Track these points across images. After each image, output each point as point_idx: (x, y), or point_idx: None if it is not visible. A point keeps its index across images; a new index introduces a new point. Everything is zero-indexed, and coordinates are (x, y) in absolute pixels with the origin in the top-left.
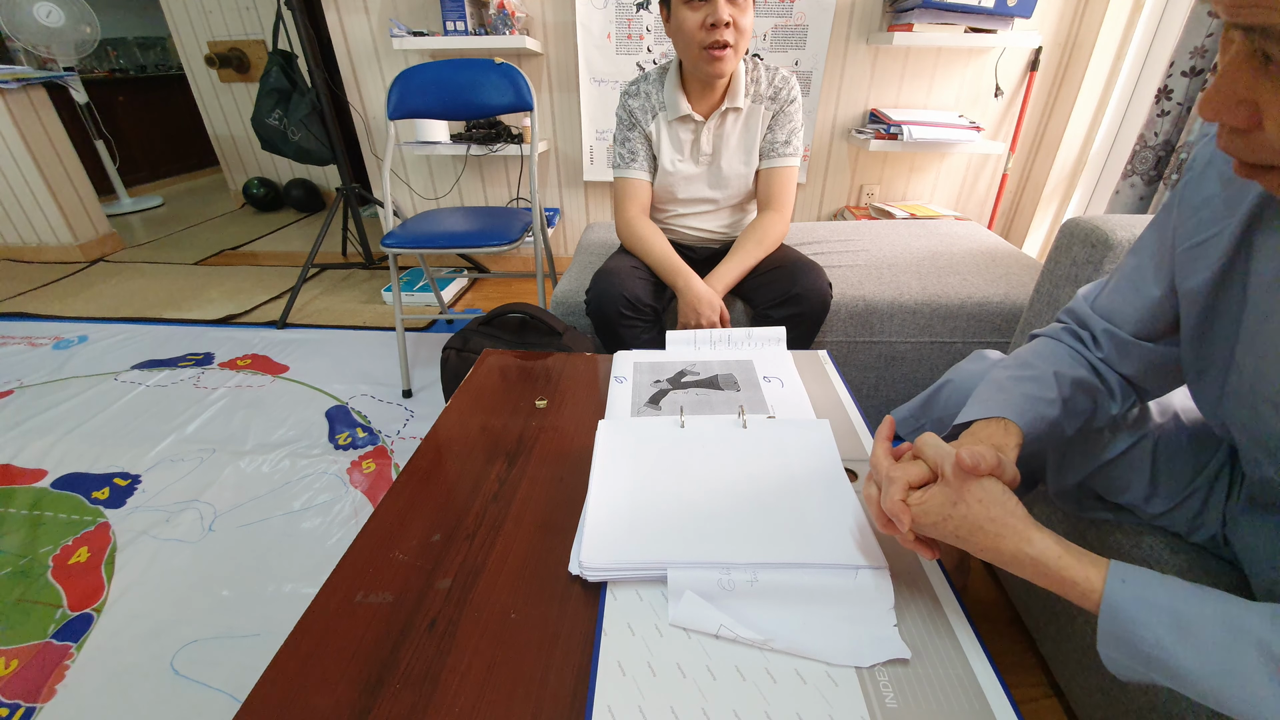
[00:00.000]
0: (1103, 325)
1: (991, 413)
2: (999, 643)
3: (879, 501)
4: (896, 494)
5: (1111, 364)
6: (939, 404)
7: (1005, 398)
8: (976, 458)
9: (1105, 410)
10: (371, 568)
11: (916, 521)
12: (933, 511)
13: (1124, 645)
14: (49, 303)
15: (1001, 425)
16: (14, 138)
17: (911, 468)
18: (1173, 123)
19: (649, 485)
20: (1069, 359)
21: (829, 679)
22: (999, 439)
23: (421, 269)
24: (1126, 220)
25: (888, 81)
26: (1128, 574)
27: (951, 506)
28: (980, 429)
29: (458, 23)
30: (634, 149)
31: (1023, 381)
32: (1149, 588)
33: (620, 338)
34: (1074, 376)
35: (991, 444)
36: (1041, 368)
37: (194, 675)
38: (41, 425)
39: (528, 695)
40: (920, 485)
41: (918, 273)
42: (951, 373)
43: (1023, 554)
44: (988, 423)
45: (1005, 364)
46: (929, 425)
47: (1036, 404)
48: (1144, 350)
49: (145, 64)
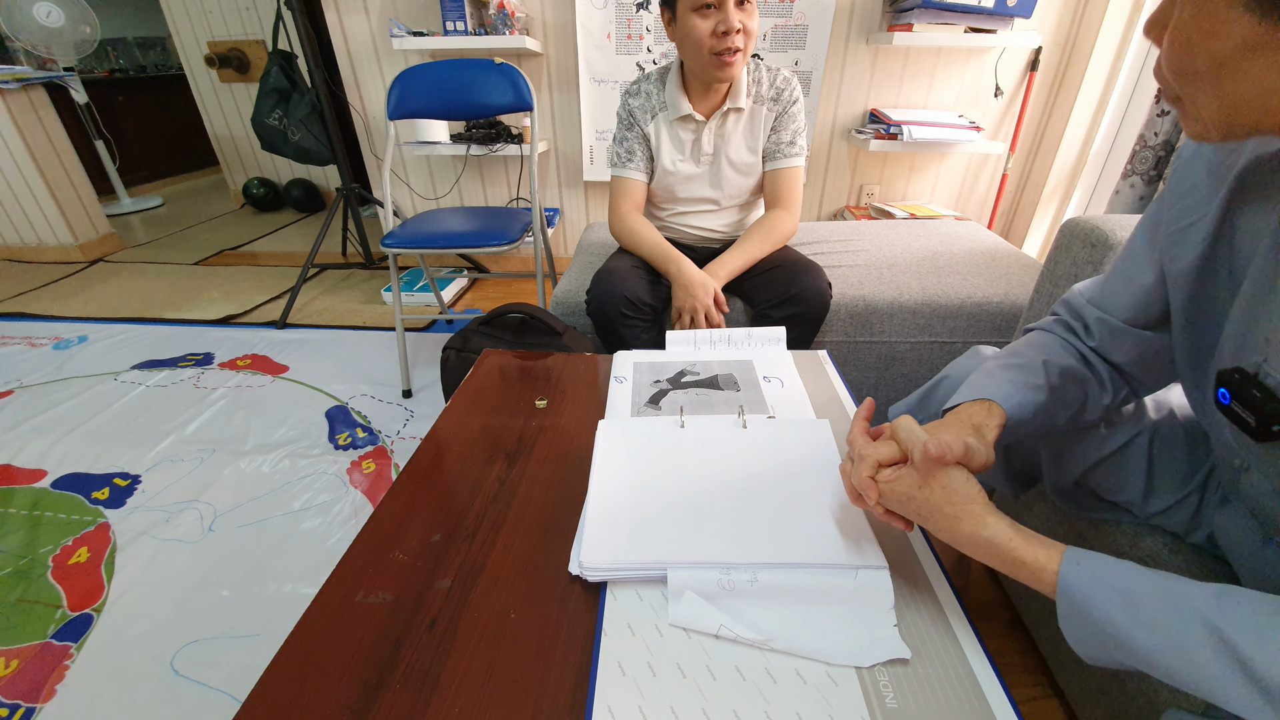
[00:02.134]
0: (1096, 314)
1: (976, 395)
2: (999, 643)
3: (850, 476)
4: (865, 470)
5: (1104, 352)
6: (936, 399)
7: (991, 382)
8: (942, 448)
9: (1096, 401)
10: (371, 568)
11: (884, 497)
12: (899, 491)
13: (1081, 625)
14: (49, 303)
15: (984, 406)
16: (14, 138)
17: (883, 447)
18: (1173, 123)
19: (649, 485)
20: (1059, 348)
21: (829, 679)
22: (980, 419)
23: (421, 269)
24: (1126, 220)
25: (888, 81)
26: (1082, 558)
27: (916, 489)
28: (964, 409)
29: (458, 23)
30: (631, 149)
31: (1010, 369)
32: (1101, 570)
33: (621, 337)
34: (1063, 365)
35: (972, 423)
36: (1030, 356)
37: (194, 675)
38: (41, 425)
39: (528, 695)
40: (891, 464)
41: (918, 273)
42: (949, 369)
43: (978, 535)
44: (972, 404)
45: (996, 354)
46: (923, 421)
47: (1022, 389)
48: (1136, 337)
49: (145, 64)
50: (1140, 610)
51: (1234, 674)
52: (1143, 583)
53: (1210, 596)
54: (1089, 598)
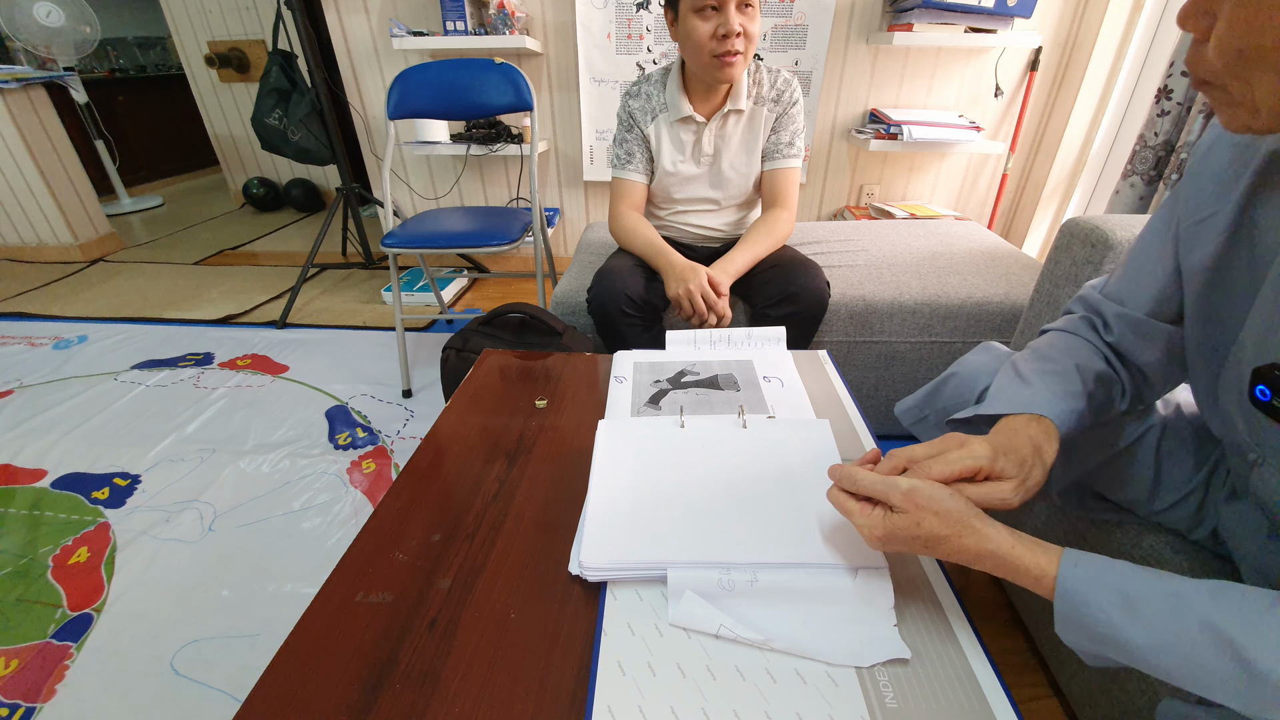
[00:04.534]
0: (1115, 309)
1: (1024, 408)
2: (999, 643)
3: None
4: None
5: (1126, 351)
6: (944, 396)
7: (1033, 393)
8: None
9: (1117, 406)
10: (371, 568)
11: (887, 545)
12: (900, 539)
13: (1078, 626)
14: (49, 303)
15: (1041, 425)
16: (14, 138)
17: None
18: (1173, 123)
19: (649, 485)
20: (1088, 352)
21: (829, 679)
22: (1040, 440)
23: (421, 269)
24: (1126, 220)
25: (888, 81)
26: (1079, 559)
27: (916, 528)
28: (1018, 425)
29: (458, 23)
30: (631, 150)
31: (1047, 375)
32: (1099, 571)
33: (621, 336)
34: (1096, 370)
35: (1033, 445)
36: (1063, 361)
37: (194, 675)
38: (41, 425)
39: (528, 695)
40: None
41: (918, 273)
42: (958, 365)
43: (982, 550)
44: (1027, 420)
45: (1022, 357)
46: (933, 417)
47: (1065, 398)
48: (1161, 331)
49: (145, 64)
50: (1137, 609)
51: (1231, 668)
52: (1140, 582)
53: (1206, 593)
54: (1086, 599)
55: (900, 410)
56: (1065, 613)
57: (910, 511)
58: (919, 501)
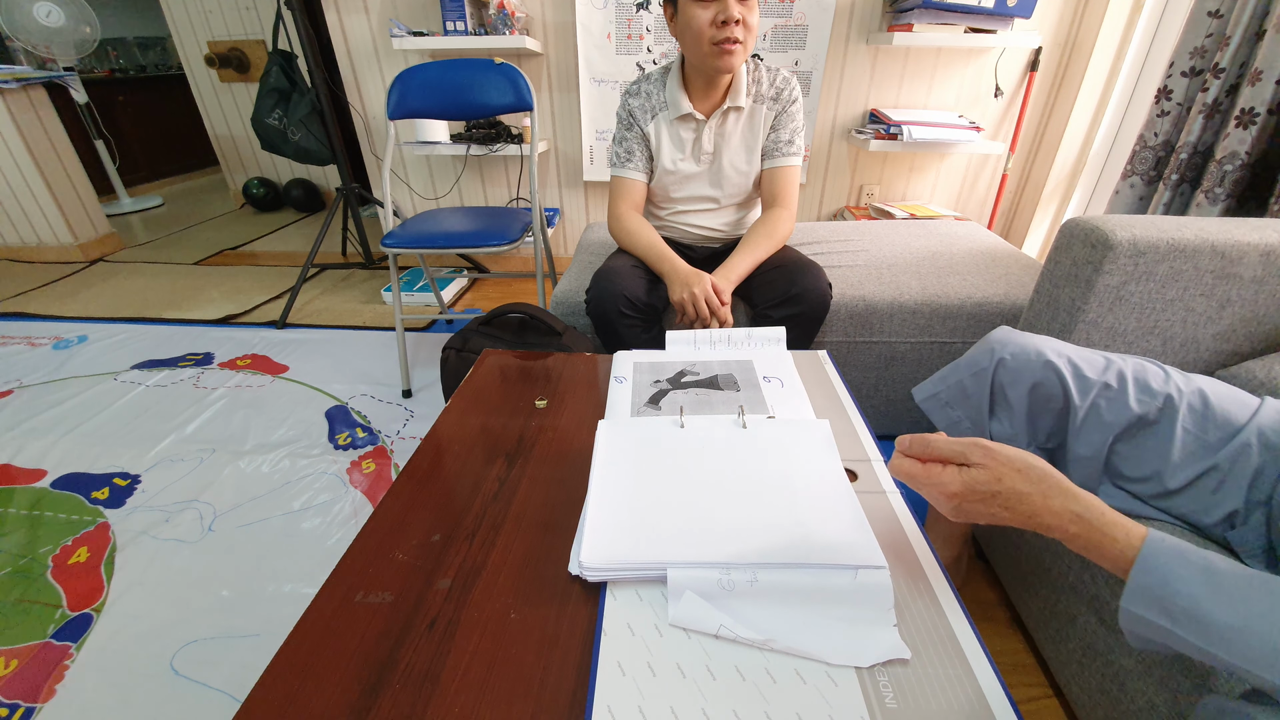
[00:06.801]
0: None
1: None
2: (999, 643)
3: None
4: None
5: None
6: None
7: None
8: None
9: None
10: (371, 568)
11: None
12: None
13: (1156, 600)
14: (49, 303)
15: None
16: (14, 138)
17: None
18: (1173, 123)
19: (649, 485)
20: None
21: (829, 679)
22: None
23: (421, 269)
24: (1126, 220)
25: (888, 81)
26: (1166, 534)
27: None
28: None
29: (458, 23)
30: (630, 149)
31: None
32: (1185, 548)
33: (620, 337)
34: None
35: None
36: None
37: (194, 675)
38: (41, 425)
39: (528, 695)
40: None
41: (918, 273)
42: (999, 348)
43: (1069, 511)
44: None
45: None
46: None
47: None
48: None
49: (145, 64)
50: (1223, 587)
51: None
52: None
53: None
54: (1172, 571)
55: (921, 397)
56: (1145, 585)
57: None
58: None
